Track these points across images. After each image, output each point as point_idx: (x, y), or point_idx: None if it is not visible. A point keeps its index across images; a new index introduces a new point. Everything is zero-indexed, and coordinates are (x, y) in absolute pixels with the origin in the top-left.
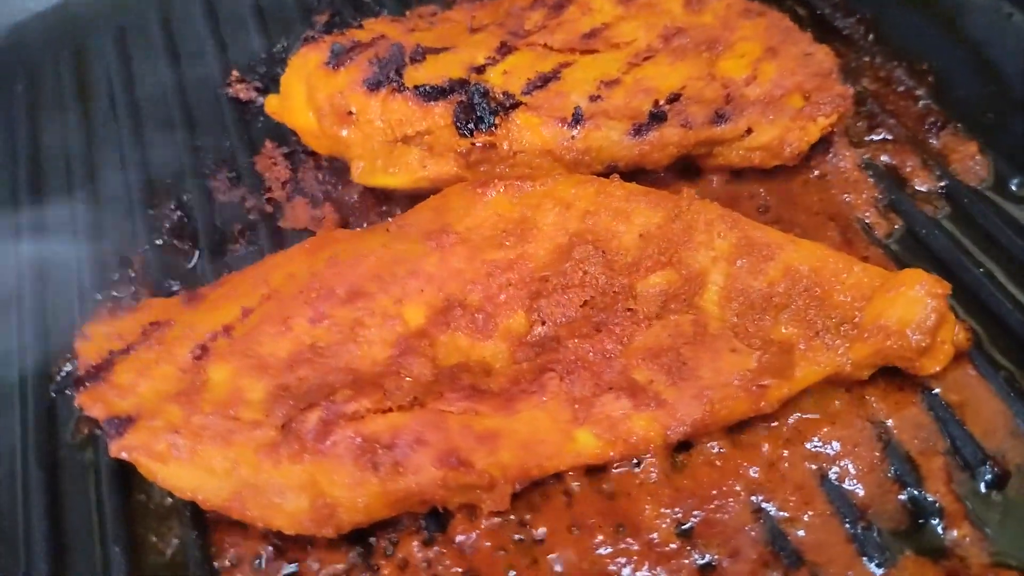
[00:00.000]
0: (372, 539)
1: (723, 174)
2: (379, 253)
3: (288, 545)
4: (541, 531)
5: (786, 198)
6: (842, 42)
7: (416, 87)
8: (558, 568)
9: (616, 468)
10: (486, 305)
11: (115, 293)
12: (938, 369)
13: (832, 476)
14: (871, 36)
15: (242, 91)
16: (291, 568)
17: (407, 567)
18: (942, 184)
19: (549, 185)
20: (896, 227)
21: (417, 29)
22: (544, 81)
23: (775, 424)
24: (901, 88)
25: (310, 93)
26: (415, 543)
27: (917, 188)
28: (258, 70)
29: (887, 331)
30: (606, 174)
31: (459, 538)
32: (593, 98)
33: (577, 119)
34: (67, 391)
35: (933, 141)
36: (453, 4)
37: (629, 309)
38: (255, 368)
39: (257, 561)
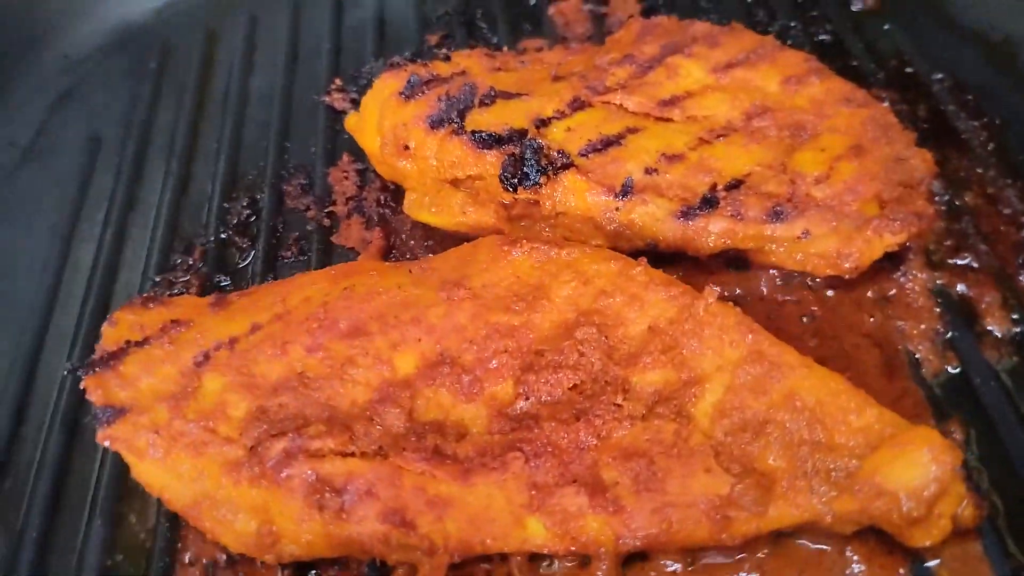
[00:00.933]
0: (313, 572)
1: (773, 273)
2: (392, 294)
3: (241, 559)
4: None
5: (835, 312)
6: (957, 147)
7: (474, 132)
8: None
9: (564, 562)
10: (477, 367)
11: (171, 278)
12: (928, 544)
13: None
14: (991, 145)
15: (338, 100)
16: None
17: None
18: (1018, 330)
19: (575, 255)
20: (948, 368)
21: (503, 68)
22: (605, 144)
23: (740, 557)
24: (1007, 211)
25: (380, 119)
26: None
27: (988, 328)
28: (360, 81)
29: (880, 490)
30: (647, 252)
31: None
32: (649, 170)
33: (625, 191)
34: (79, 372)
35: (1022, 278)
36: (560, 43)
37: (616, 404)
38: (244, 386)
39: (209, 565)
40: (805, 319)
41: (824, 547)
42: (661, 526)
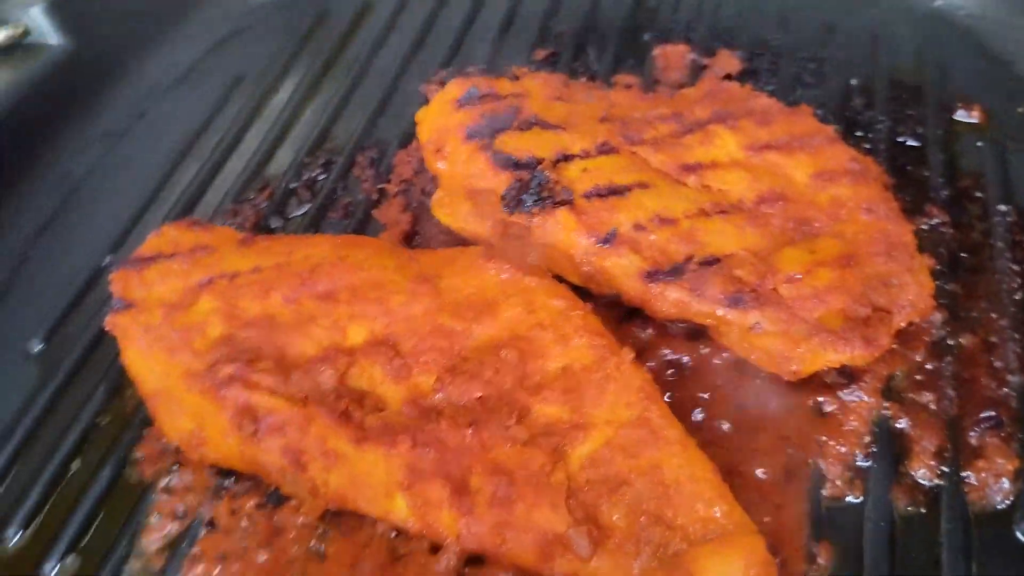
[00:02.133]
0: (231, 480)
1: (726, 355)
2: (372, 272)
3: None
4: (330, 551)
5: (766, 408)
6: (983, 286)
7: (496, 152)
8: None
9: (420, 541)
10: (412, 356)
11: (238, 208)
12: None
13: None
14: (1020, 295)
15: (432, 92)
16: (174, 467)
17: (233, 513)
18: (938, 484)
19: (533, 284)
20: (849, 496)
21: (563, 98)
22: (609, 192)
23: None
24: (998, 363)
25: (433, 118)
26: (252, 501)
27: (910, 472)
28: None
29: None
30: (613, 301)
31: (276, 519)
32: (638, 227)
33: (607, 239)
34: (112, 265)
35: (973, 436)
36: (654, 87)
37: (507, 424)
38: (226, 314)
39: (162, 447)
40: (735, 406)
41: None
42: (495, 540)
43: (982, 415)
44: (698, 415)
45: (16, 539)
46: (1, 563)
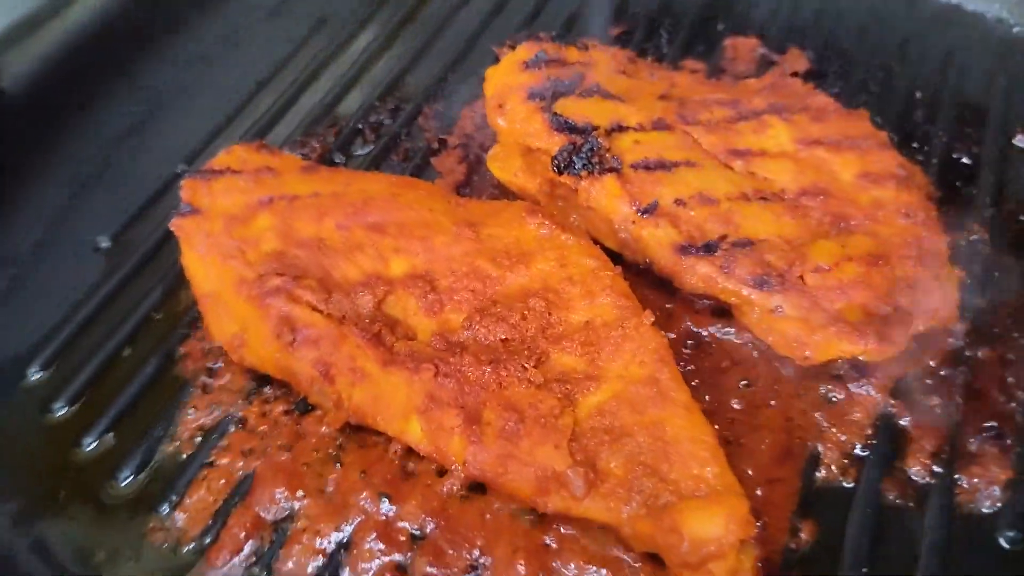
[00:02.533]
0: (264, 385)
1: (747, 334)
2: (420, 212)
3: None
4: (345, 459)
5: (774, 387)
6: (1015, 303)
7: (555, 114)
8: (329, 489)
9: (429, 463)
10: (446, 293)
11: (305, 140)
12: None
13: None
14: None
15: (504, 53)
16: (215, 366)
17: (263, 415)
18: (930, 482)
19: (570, 243)
20: (842, 481)
21: (625, 73)
22: (657, 166)
23: (547, 519)
24: (1011, 379)
25: (500, 76)
26: (281, 407)
27: (904, 468)
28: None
29: (674, 527)
30: (644, 270)
31: (301, 425)
32: (679, 202)
33: (647, 210)
34: (184, 173)
35: (973, 443)
36: (719, 76)
37: (525, 366)
38: (280, 232)
39: (206, 347)
40: (744, 383)
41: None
42: (497, 470)
43: (985, 425)
44: (709, 386)
45: (62, 412)
46: (45, 432)
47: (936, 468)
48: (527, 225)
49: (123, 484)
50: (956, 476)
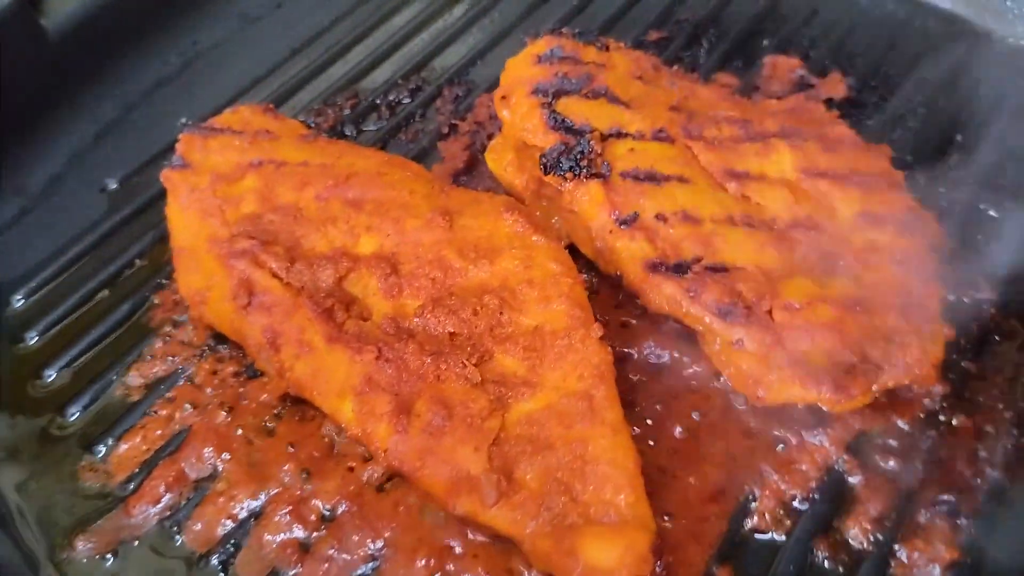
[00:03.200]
0: (221, 346)
1: (706, 363)
2: (399, 193)
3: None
4: (279, 429)
5: (724, 424)
6: (1001, 374)
7: (554, 112)
8: (256, 456)
9: (358, 446)
10: (407, 278)
11: (321, 109)
12: None
13: None
14: None
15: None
16: (180, 319)
17: (212, 373)
18: (866, 549)
19: (540, 243)
20: (773, 533)
21: (643, 79)
22: (646, 177)
23: (459, 523)
24: (982, 454)
25: (514, 68)
26: (231, 368)
27: (842, 530)
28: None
29: (570, 551)
30: (615, 281)
31: (244, 389)
32: (660, 217)
33: (626, 221)
34: (184, 127)
35: (923, 514)
36: (751, 94)
37: (465, 363)
38: (261, 195)
39: (177, 300)
40: (696, 414)
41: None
42: (415, 463)
43: (941, 497)
44: (657, 411)
45: (33, 342)
46: (16, 359)
47: (876, 535)
48: (502, 220)
49: (70, 419)
50: (896, 546)
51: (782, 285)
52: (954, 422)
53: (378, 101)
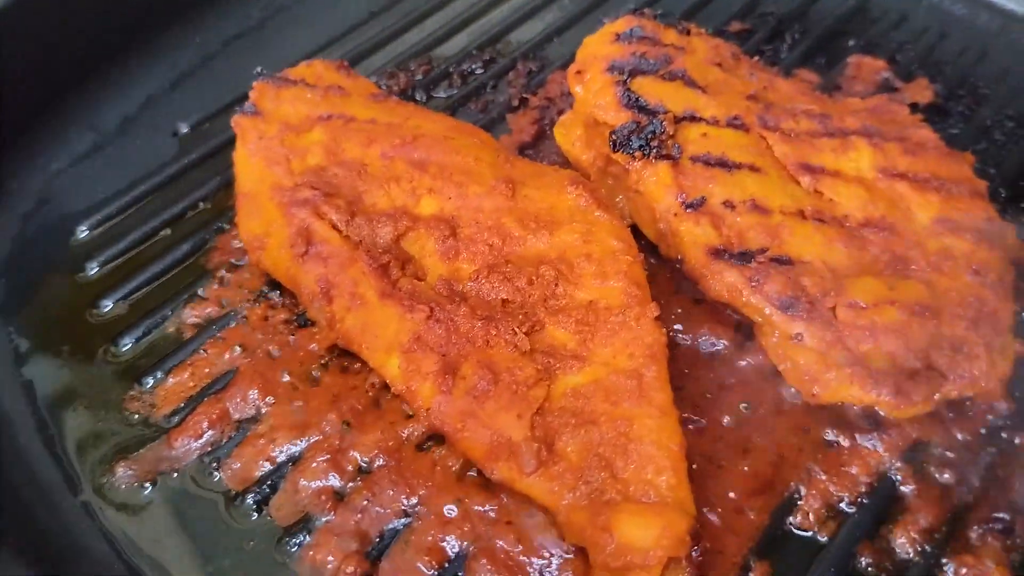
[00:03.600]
0: (274, 293)
1: (762, 357)
2: (465, 159)
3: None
4: (324, 379)
5: (775, 418)
6: None
7: (628, 91)
8: (299, 403)
9: (400, 403)
10: (465, 242)
11: (393, 73)
12: None
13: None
14: None
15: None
16: (239, 262)
17: (265, 319)
18: (912, 560)
19: (602, 219)
20: (816, 533)
21: (722, 66)
22: (717, 163)
23: (495, 488)
24: None
25: (591, 45)
26: (283, 315)
27: (888, 538)
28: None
29: (605, 526)
30: (675, 266)
31: (294, 337)
32: (728, 204)
33: (693, 205)
34: (261, 76)
35: (975, 531)
36: (832, 92)
37: (515, 330)
38: (328, 148)
39: (235, 245)
40: (745, 406)
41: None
42: (456, 425)
43: (996, 515)
44: (707, 399)
45: (93, 272)
46: (75, 287)
47: (925, 546)
48: (566, 193)
49: (121, 350)
50: (944, 560)
51: (849, 283)
52: (1016, 440)
53: (451, 69)
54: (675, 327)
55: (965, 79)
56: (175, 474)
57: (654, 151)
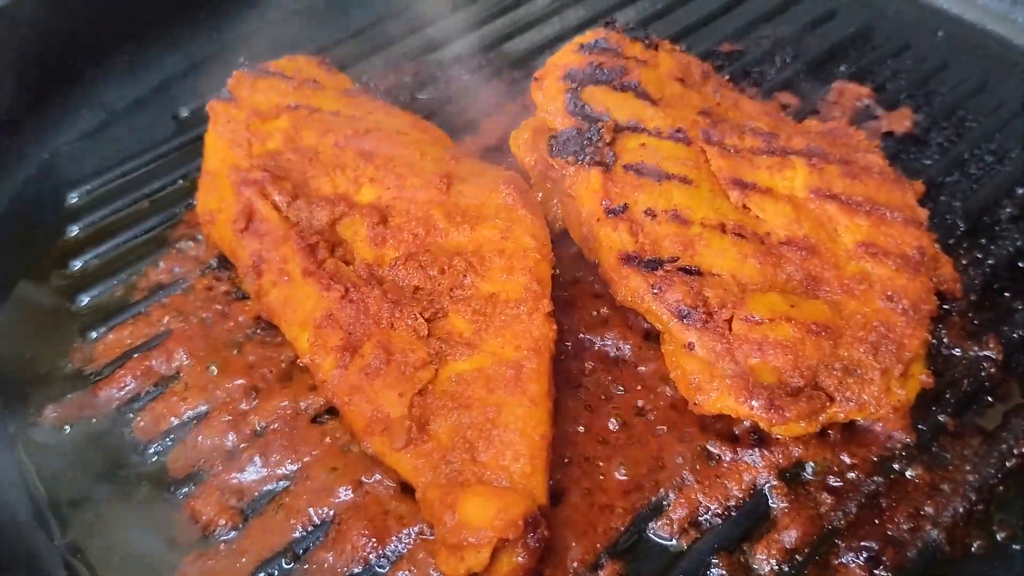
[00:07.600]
0: (225, 269)
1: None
2: (411, 153)
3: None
4: (245, 348)
5: (663, 425)
6: (986, 440)
7: (577, 98)
8: (215, 366)
9: (309, 375)
10: (393, 231)
11: (388, 72)
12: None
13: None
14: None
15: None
16: (197, 237)
17: (207, 289)
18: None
19: (525, 218)
20: (672, 538)
21: (687, 82)
22: (648, 173)
23: (378, 464)
24: (929, 510)
25: (560, 54)
26: (225, 287)
27: (748, 551)
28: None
29: (450, 504)
30: (593, 269)
31: (230, 308)
32: (649, 212)
33: (614, 211)
34: (245, 67)
35: (841, 556)
36: (809, 116)
37: (416, 316)
38: (288, 135)
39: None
40: (638, 407)
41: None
42: (344, 398)
43: (865, 544)
44: (601, 400)
45: (73, 234)
46: (56, 248)
47: (783, 565)
48: (498, 192)
49: (78, 305)
50: None
51: (751, 298)
52: (908, 473)
53: (438, 74)
54: (586, 329)
55: (954, 111)
56: (94, 420)
57: (588, 157)
